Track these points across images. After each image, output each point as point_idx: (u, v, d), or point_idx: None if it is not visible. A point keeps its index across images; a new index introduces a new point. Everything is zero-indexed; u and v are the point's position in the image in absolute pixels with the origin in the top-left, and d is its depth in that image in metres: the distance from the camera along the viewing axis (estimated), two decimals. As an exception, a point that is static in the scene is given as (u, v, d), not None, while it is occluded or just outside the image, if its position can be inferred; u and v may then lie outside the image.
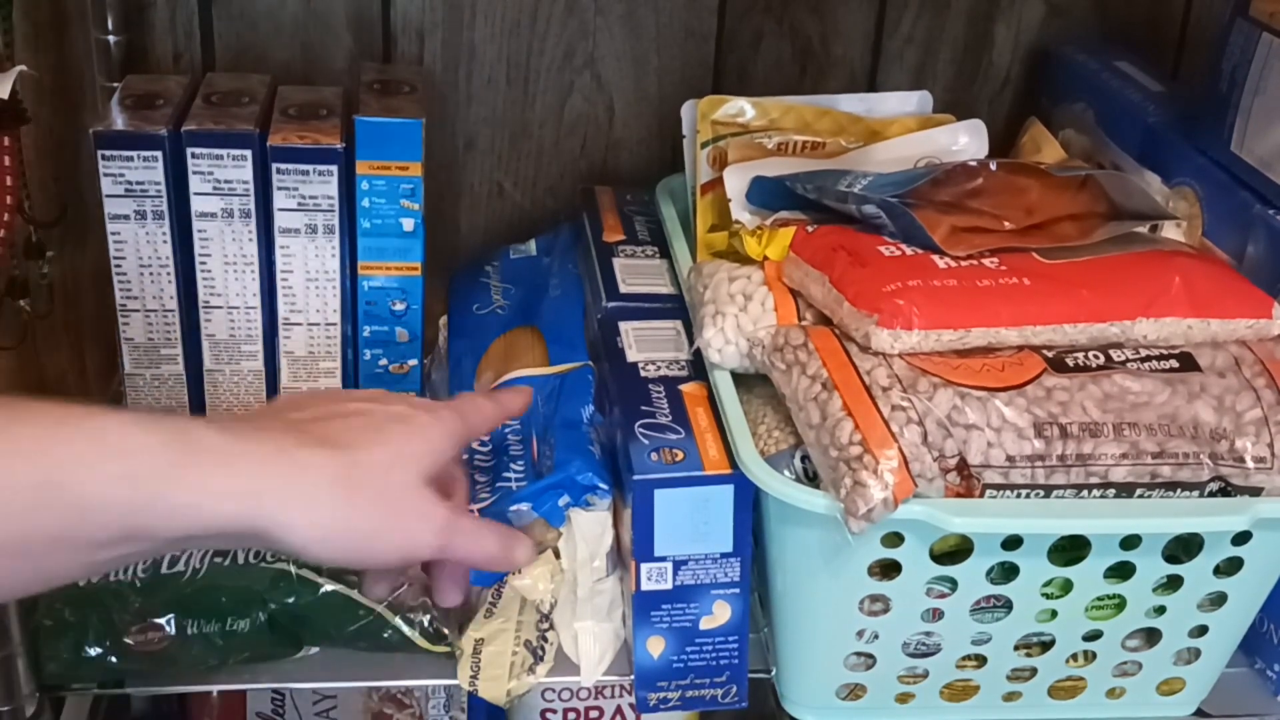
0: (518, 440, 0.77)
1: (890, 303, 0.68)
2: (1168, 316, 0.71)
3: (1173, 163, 0.84)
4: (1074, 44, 0.99)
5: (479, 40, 0.95)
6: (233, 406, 0.86)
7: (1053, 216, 0.75)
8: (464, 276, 0.95)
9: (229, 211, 0.81)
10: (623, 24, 0.96)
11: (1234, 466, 0.66)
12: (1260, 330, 0.72)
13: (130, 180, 0.80)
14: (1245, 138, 0.78)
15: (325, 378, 0.86)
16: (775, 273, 0.76)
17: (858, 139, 0.87)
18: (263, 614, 0.72)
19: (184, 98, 0.84)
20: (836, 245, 0.73)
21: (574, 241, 0.94)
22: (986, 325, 0.69)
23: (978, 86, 1.02)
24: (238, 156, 0.80)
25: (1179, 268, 0.72)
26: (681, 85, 0.97)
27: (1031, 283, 0.70)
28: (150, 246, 0.81)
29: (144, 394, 0.85)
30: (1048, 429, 0.65)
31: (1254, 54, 0.78)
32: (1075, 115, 0.94)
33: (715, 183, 0.84)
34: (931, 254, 0.72)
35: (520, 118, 0.98)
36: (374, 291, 0.85)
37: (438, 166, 0.93)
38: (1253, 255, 0.77)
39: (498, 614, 0.73)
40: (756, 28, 0.98)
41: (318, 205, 0.81)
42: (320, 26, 0.94)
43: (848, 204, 0.76)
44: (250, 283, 0.83)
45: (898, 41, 1.00)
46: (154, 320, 0.83)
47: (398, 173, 0.82)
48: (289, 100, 0.85)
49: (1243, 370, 0.69)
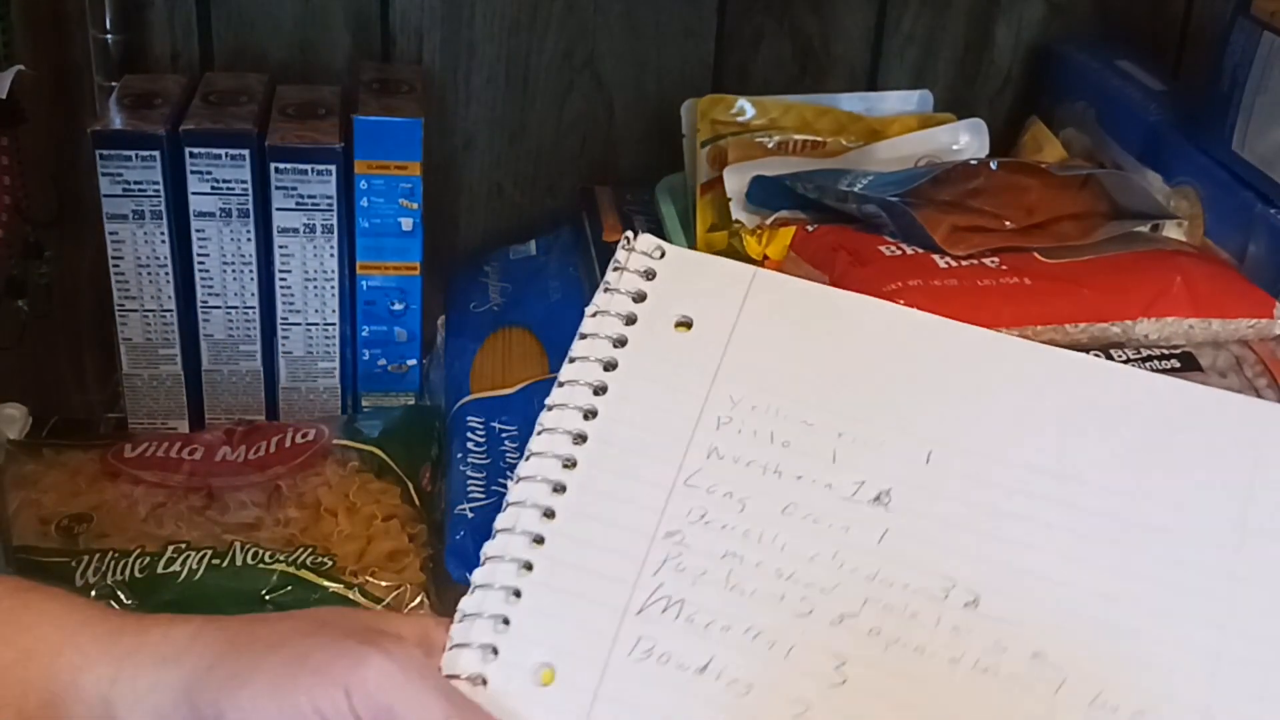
0: (514, 446, 0.77)
1: (891, 302, 0.67)
2: (1169, 316, 0.71)
3: (1174, 162, 0.83)
4: (1075, 43, 0.99)
5: (478, 39, 0.95)
6: (231, 407, 0.86)
7: (1054, 216, 0.74)
8: (463, 276, 0.95)
9: (227, 211, 0.81)
10: (622, 23, 0.96)
11: (1235, 467, 0.66)
12: (1262, 330, 0.71)
13: (128, 180, 0.79)
14: (1247, 137, 0.78)
15: (323, 378, 0.86)
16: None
17: (858, 138, 0.87)
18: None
19: (182, 97, 0.84)
20: (837, 245, 0.73)
21: (574, 242, 0.94)
22: (987, 325, 0.68)
23: (978, 85, 1.02)
24: (236, 156, 0.80)
25: (1180, 267, 0.72)
26: (681, 84, 0.97)
27: (1032, 282, 0.70)
28: (148, 246, 0.81)
29: (142, 394, 0.85)
30: (1048, 429, 0.65)
31: (1256, 53, 0.77)
32: (1076, 114, 0.94)
33: (715, 182, 0.84)
34: (932, 253, 0.72)
35: (519, 117, 0.98)
36: (373, 291, 0.85)
37: (437, 166, 0.92)
38: (1254, 255, 0.76)
39: (496, 615, 0.72)
40: (756, 26, 0.98)
41: (316, 205, 0.81)
42: (319, 25, 0.94)
43: (848, 203, 0.76)
44: (249, 283, 0.83)
45: (898, 40, 1.00)
46: (152, 320, 0.83)
47: (396, 172, 0.82)
48: (287, 99, 0.85)
49: (1244, 370, 0.69)
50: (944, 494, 0.47)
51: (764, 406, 0.49)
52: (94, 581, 0.70)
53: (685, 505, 0.47)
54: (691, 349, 0.50)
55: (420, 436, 0.83)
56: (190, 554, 0.72)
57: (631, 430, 0.49)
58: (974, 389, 0.50)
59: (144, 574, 0.71)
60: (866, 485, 0.48)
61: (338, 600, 0.72)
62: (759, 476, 0.48)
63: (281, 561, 0.72)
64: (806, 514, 0.47)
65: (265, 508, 0.76)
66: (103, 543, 0.73)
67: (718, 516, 0.47)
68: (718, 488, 0.47)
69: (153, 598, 0.70)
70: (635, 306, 0.51)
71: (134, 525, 0.75)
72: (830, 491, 0.47)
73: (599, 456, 0.48)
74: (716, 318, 0.51)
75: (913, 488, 0.48)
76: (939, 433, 0.49)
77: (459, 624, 0.46)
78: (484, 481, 0.75)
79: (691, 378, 0.50)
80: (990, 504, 0.47)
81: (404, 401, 0.89)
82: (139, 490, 0.77)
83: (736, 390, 0.49)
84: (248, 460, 0.79)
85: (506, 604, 0.46)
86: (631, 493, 0.48)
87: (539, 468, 0.48)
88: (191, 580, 0.71)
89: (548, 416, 0.49)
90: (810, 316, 0.51)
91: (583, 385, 0.50)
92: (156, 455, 0.79)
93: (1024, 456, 0.48)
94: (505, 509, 0.48)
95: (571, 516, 0.47)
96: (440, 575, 0.73)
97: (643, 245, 0.52)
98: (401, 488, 0.78)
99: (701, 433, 0.49)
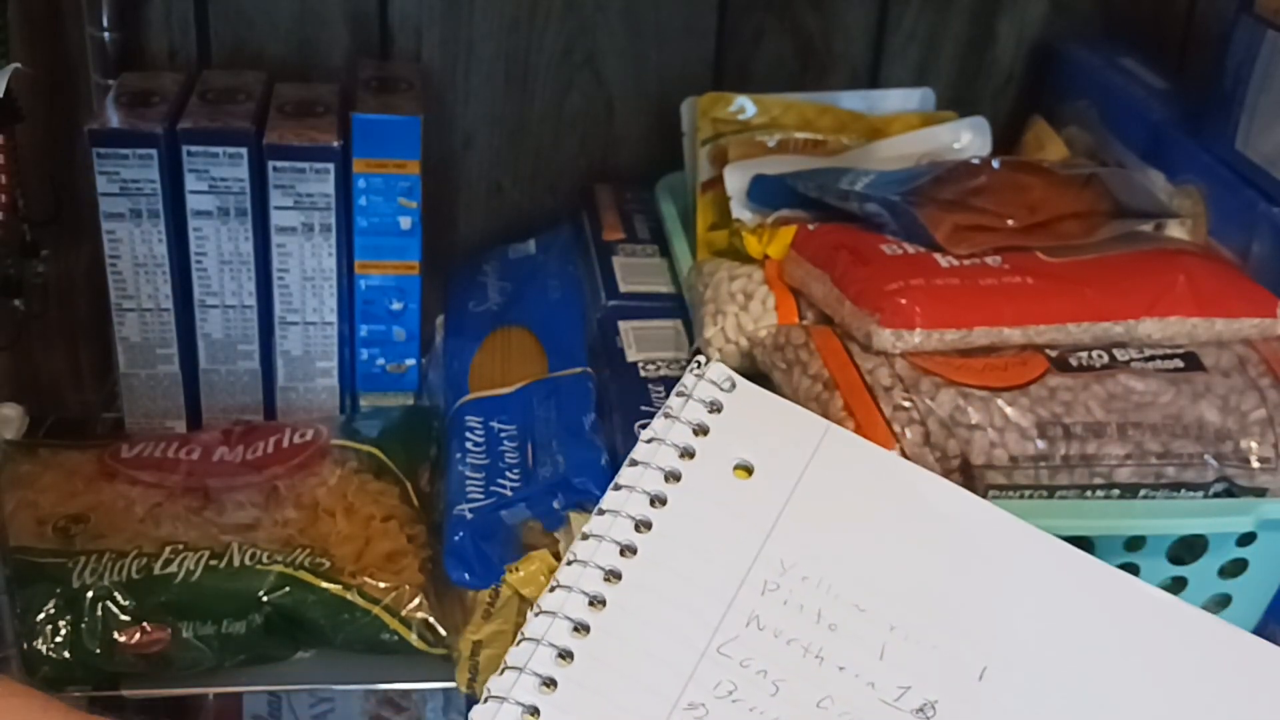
0: (513, 446, 0.77)
1: (892, 302, 0.67)
2: (1172, 316, 0.70)
3: (1177, 161, 0.83)
4: (1077, 41, 0.98)
5: (477, 37, 0.95)
6: (229, 407, 0.86)
7: (1056, 215, 0.74)
8: (462, 275, 0.95)
9: (225, 210, 0.81)
10: (622, 20, 0.96)
11: (1239, 467, 0.66)
12: (1265, 329, 0.71)
13: (125, 178, 0.79)
14: (1250, 135, 0.78)
15: (322, 378, 0.86)
16: (776, 272, 0.75)
17: (859, 136, 0.87)
18: (259, 616, 0.71)
19: (179, 95, 0.83)
20: (838, 244, 0.73)
21: (573, 240, 0.94)
22: (989, 324, 0.68)
23: (980, 83, 1.01)
24: (233, 154, 0.79)
25: (1183, 266, 0.72)
26: (681, 82, 0.96)
27: (1035, 281, 0.70)
28: (145, 245, 0.81)
29: (139, 394, 0.85)
30: (1051, 429, 0.65)
31: (1259, 51, 0.77)
32: (1079, 112, 0.94)
33: (715, 181, 0.83)
34: (934, 252, 0.72)
35: (519, 115, 0.98)
36: (371, 290, 0.85)
37: (435, 164, 0.92)
38: (1258, 254, 0.76)
39: (495, 616, 0.72)
40: (757, 24, 0.97)
41: (314, 204, 0.81)
42: (317, 23, 0.93)
43: (849, 202, 0.76)
44: (246, 282, 0.83)
45: (900, 38, 0.99)
46: (149, 319, 0.83)
47: (395, 170, 0.81)
48: (285, 97, 0.84)
49: (1247, 370, 0.69)
50: (994, 718, 0.43)
51: (815, 579, 0.45)
52: (91, 582, 0.70)
53: (715, 676, 0.43)
54: (749, 499, 0.46)
55: (419, 437, 0.82)
56: (187, 555, 0.72)
57: (669, 578, 0.44)
58: (1043, 605, 0.46)
59: (141, 575, 0.71)
60: (912, 692, 0.43)
61: (335, 601, 0.72)
62: (799, 658, 0.43)
63: (279, 562, 0.72)
64: (843, 712, 0.43)
65: (263, 508, 0.76)
66: (100, 543, 0.73)
67: (748, 696, 0.42)
68: (752, 662, 0.43)
69: (150, 599, 0.70)
70: (695, 440, 0.47)
71: (131, 526, 0.74)
72: (872, 691, 0.43)
73: (630, 601, 0.44)
74: (780, 469, 0.47)
75: (962, 705, 0.43)
76: (996, 648, 0.44)
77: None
78: (483, 482, 0.74)
79: (744, 531, 0.45)
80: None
81: (402, 401, 0.88)
82: (136, 490, 0.77)
83: (789, 554, 0.45)
84: (245, 460, 0.79)
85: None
86: (659, 649, 0.43)
87: (562, 603, 0.44)
88: (189, 581, 0.71)
89: (581, 547, 0.45)
90: (878, 488, 0.47)
91: (624, 518, 0.45)
92: (154, 455, 0.79)
93: (1084, 690, 0.44)
94: (519, 642, 0.44)
95: (591, 665, 0.43)
96: (439, 576, 0.73)
97: (713, 374, 0.48)
98: (400, 488, 0.78)
99: (745, 595, 0.44)
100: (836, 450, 0.48)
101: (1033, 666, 0.44)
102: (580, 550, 0.45)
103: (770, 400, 0.50)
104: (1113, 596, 0.47)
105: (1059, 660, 0.45)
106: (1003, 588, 0.46)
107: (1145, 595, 0.48)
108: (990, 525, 0.48)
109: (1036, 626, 0.45)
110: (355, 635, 0.72)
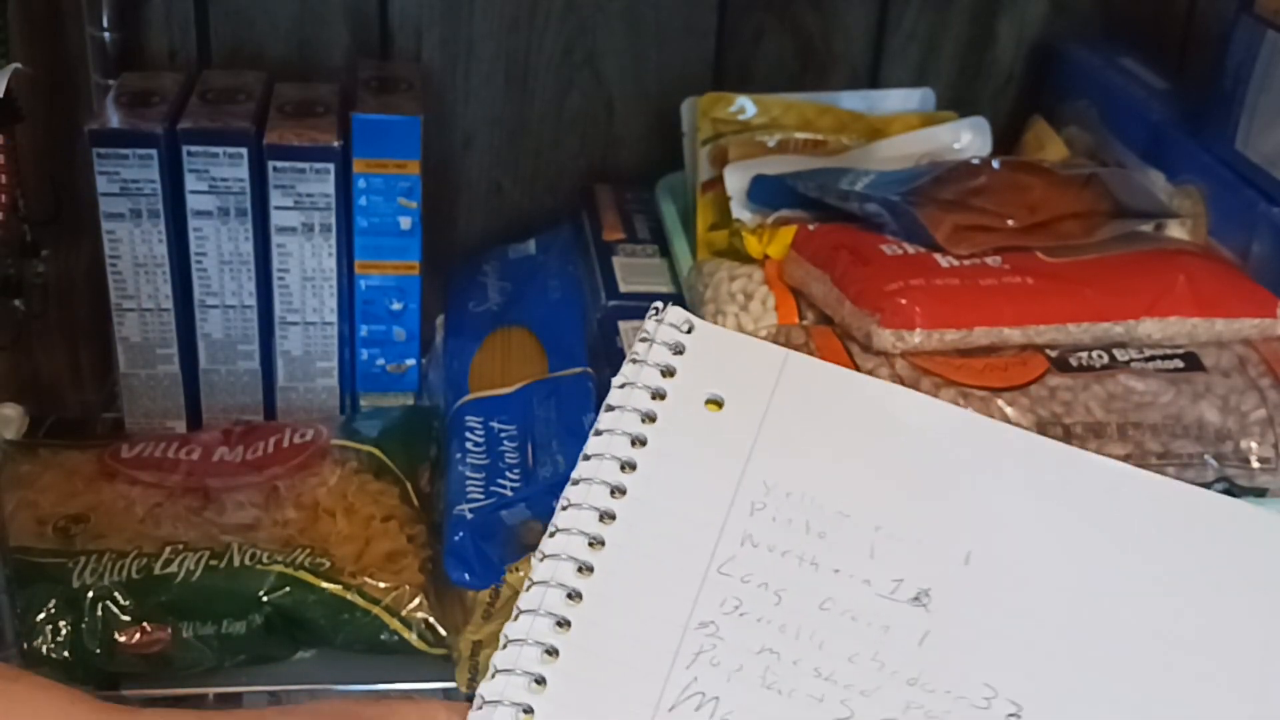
0: (513, 446, 0.77)
1: (893, 302, 0.67)
2: (1172, 316, 0.70)
3: (1177, 161, 0.83)
4: (1077, 41, 0.98)
5: (477, 37, 0.95)
6: (229, 407, 0.86)
7: (1056, 215, 0.74)
8: (462, 275, 0.95)
9: (225, 210, 0.80)
10: (622, 20, 0.96)
11: (1239, 467, 0.66)
12: (1265, 330, 0.71)
13: (125, 178, 0.79)
14: (1250, 135, 0.78)
15: (322, 378, 0.86)
16: (776, 272, 0.75)
17: (859, 137, 0.87)
18: (259, 616, 0.71)
19: (179, 95, 0.83)
20: (838, 244, 0.73)
21: (573, 240, 0.94)
22: (989, 324, 0.68)
23: (980, 83, 1.01)
24: (234, 154, 0.79)
25: (1183, 267, 0.72)
26: (681, 82, 0.96)
27: (1035, 282, 0.70)
28: (145, 245, 0.81)
29: (139, 394, 0.85)
30: (1051, 429, 0.65)
31: (1259, 51, 0.77)
32: (1079, 112, 0.94)
33: (716, 181, 0.83)
34: (934, 253, 0.72)
35: (519, 115, 0.97)
36: (371, 291, 0.85)
37: (435, 164, 0.92)
38: (1258, 254, 0.76)
39: (495, 616, 0.72)
40: (757, 24, 0.97)
41: (314, 204, 0.81)
42: (317, 23, 0.93)
43: (849, 202, 0.76)
44: (246, 282, 0.83)
45: (900, 38, 0.99)
46: (149, 320, 0.83)
47: (395, 171, 0.81)
48: (285, 97, 0.84)
49: (1247, 370, 0.69)
50: (984, 598, 0.45)
51: (799, 494, 0.47)
52: (91, 582, 0.70)
53: (719, 594, 0.45)
54: (723, 430, 0.48)
55: (419, 437, 0.82)
56: (187, 555, 0.72)
57: (662, 512, 0.46)
58: (1013, 492, 0.48)
59: (141, 575, 0.71)
60: (906, 584, 0.45)
61: (335, 601, 0.72)
62: (795, 567, 0.45)
63: (279, 562, 0.72)
64: (845, 610, 0.45)
65: (263, 508, 0.76)
66: (100, 543, 0.73)
67: (753, 608, 0.44)
68: (752, 577, 0.45)
69: (150, 599, 0.70)
70: (664, 381, 0.48)
71: (131, 526, 0.74)
72: (868, 588, 0.45)
73: (628, 538, 0.46)
74: (748, 399, 0.48)
75: (952, 589, 0.45)
76: (977, 534, 0.46)
77: (477, 711, 0.43)
78: (483, 482, 0.74)
79: (724, 460, 0.47)
80: (1031, 612, 0.45)
81: (402, 401, 0.88)
82: (136, 490, 0.77)
83: (770, 475, 0.47)
84: (245, 461, 0.79)
85: (530, 692, 0.43)
86: (663, 579, 0.45)
87: (565, 545, 0.45)
88: (189, 581, 0.71)
89: (574, 491, 0.47)
90: (844, 404, 0.49)
91: (610, 460, 0.47)
92: (154, 455, 0.79)
93: (1068, 567, 0.46)
94: (529, 588, 0.45)
95: (599, 601, 0.44)
96: (439, 576, 0.72)
97: (671, 318, 0.50)
98: (400, 488, 0.78)
99: (735, 518, 0.46)
100: (800, 373, 0.50)
101: (1016, 546, 0.47)
102: (571, 495, 0.47)
103: (728, 336, 0.52)
104: (1083, 473, 0.49)
105: (1040, 537, 0.47)
106: (975, 479, 0.48)
107: (1115, 470, 0.50)
108: (955, 423, 0.50)
109: (1014, 508, 0.47)
110: (355, 635, 0.72)
